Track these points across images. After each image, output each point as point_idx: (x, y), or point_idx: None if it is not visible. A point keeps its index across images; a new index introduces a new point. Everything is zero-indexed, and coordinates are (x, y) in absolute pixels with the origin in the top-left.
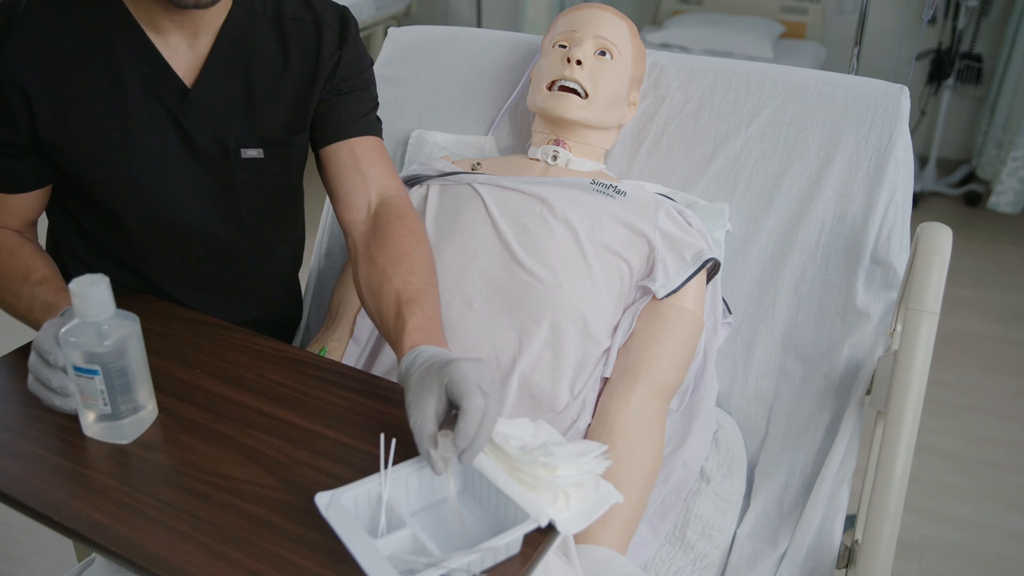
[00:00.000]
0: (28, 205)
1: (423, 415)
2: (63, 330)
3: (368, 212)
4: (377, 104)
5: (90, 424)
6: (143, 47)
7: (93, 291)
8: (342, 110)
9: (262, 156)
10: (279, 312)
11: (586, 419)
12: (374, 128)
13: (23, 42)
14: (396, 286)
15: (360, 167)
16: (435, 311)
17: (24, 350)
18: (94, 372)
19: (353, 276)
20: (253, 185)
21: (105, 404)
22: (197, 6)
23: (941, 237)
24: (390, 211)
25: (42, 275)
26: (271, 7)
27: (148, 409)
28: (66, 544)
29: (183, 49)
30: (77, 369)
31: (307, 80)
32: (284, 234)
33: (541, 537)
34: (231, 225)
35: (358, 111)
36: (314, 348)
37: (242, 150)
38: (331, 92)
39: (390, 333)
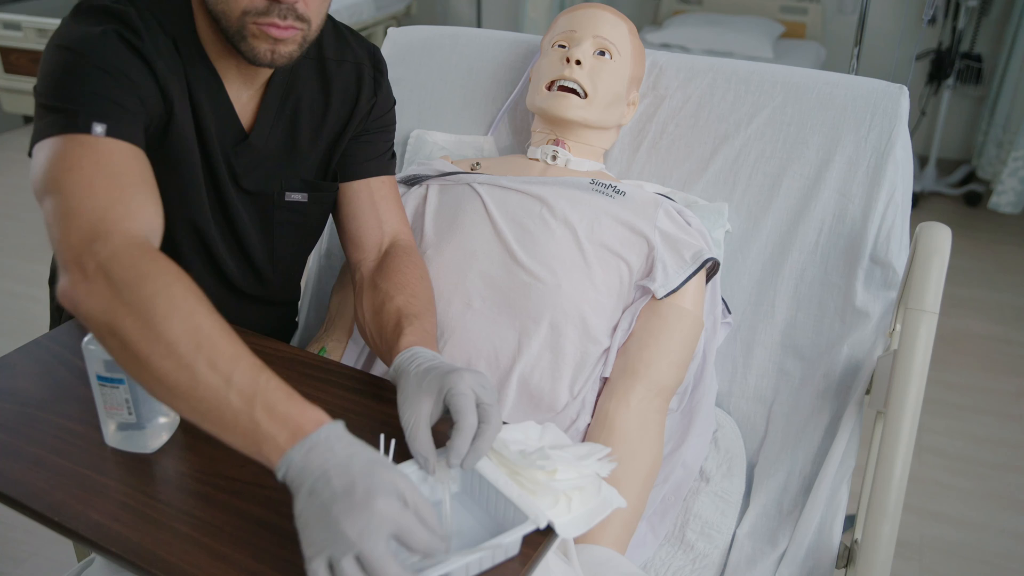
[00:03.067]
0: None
1: (417, 416)
2: (85, 339)
3: (378, 253)
4: (393, 142)
5: (112, 434)
6: (216, 88)
7: None
8: (365, 149)
9: (306, 200)
10: (278, 322)
11: (585, 419)
12: (389, 167)
13: (153, 32)
14: (398, 304)
15: (377, 209)
16: (433, 329)
17: (24, 350)
18: (119, 381)
19: (356, 309)
20: (291, 225)
21: (130, 413)
22: (271, 66)
23: (941, 237)
24: (399, 250)
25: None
26: (313, 48)
27: (171, 417)
28: (66, 544)
29: (242, 94)
30: (101, 378)
31: (342, 125)
32: (304, 262)
33: (541, 538)
34: (262, 254)
35: (379, 150)
36: (314, 348)
37: (287, 193)
38: (359, 132)
39: (387, 340)
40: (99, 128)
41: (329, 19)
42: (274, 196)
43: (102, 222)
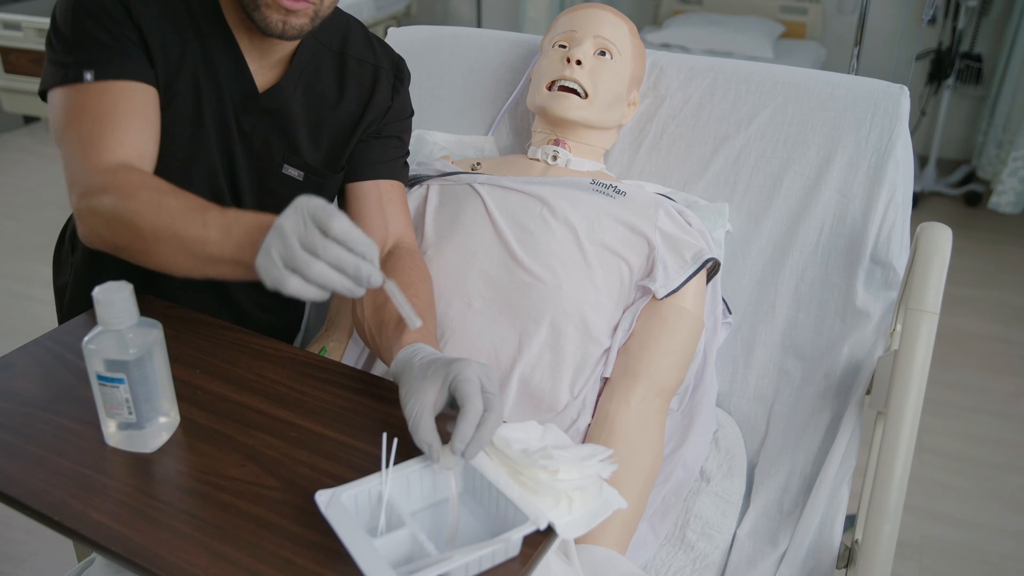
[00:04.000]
0: (147, 124)
1: (421, 404)
2: (85, 339)
3: (381, 252)
4: (408, 152)
5: (112, 434)
6: (231, 47)
7: (117, 299)
8: (377, 151)
9: (301, 179)
10: (279, 321)
11: (586, 419)
12: (401, 173)
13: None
14: None
15: (384, 210)
16: (434, 329)
17: (24, 350)
18: (119, 381)
19: (354, 305)
20: (286, 204)
21: (130, 413)
22: (283, 37)
23: (941, 237)
24: (402, 251)
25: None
26: (337, 42)
27: (171, 417)
28: (66, 544)
29: (255, 67)
30: (101, 378)
31: (353, 122)
32: None
33: (541, 538)
34: None
35: (391, 155)
36: (314, 348)
37: (284, 166)
38: (371, 135)
39: (387, 338)
40: (88, 75)
41: (360, 26)
42: (273, 165)
43: (85, 175)
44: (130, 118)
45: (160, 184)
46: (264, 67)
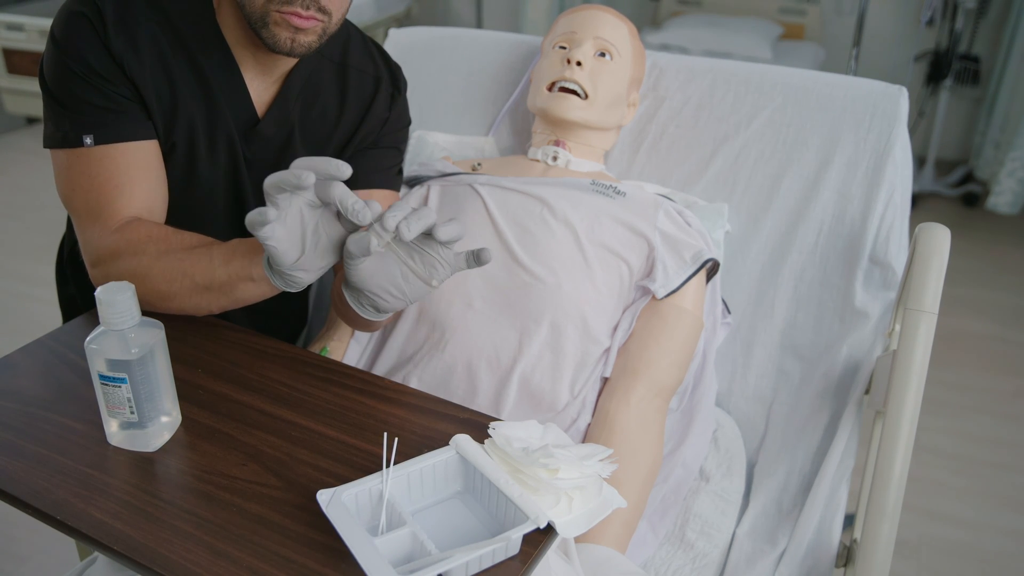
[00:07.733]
0: (152, 179)
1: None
2: (87, 339)
3: None
4: (403, 160)
5: (114, 433)
6: (231, 72)
7: (119, 299)
8: (371, 161)
9: None
10: (285, 326)
11: (586, 419)
12: (394, 182)
13: (124, 28)
14: None
15: None
16: None
17: (27, 349)
18: (121, 380)
19: (334, 300)
20: None
21: (132, 412)
22: (291, 54)
23: (939, 237)
24: None
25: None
26: (338, 52)
27: (173, 416)
28: (68, 543)
29: (257, 83)
30: (103, 378)
31: (351, 133)
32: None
33: (541, 537)
34: None
35: (385, 164)
36: (315, 348)
37: None
38: (367, 145)
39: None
40: (88, 140)
41: (360, 34)
42: None
43: (96, 242)
44: (134, 178)
45: (165, 232)
46: (265, 84)
